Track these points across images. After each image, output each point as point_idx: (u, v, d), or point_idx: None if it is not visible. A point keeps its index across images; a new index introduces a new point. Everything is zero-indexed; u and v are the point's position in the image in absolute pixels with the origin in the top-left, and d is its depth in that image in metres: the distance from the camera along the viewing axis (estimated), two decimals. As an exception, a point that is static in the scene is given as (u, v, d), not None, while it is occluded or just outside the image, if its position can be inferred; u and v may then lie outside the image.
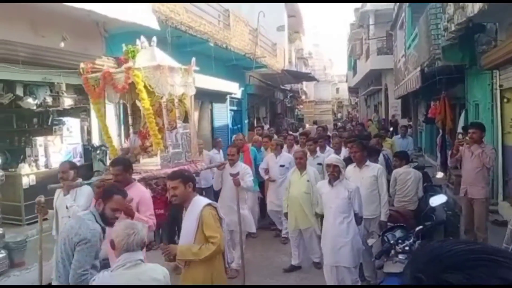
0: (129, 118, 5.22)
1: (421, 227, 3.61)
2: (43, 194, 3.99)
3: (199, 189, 5.24)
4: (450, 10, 6.68)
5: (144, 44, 4.61)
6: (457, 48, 7.72)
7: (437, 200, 4.64)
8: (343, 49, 39.25)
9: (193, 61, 4.75)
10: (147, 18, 6.83)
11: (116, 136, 5.18)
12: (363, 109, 32.93)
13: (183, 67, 4.67)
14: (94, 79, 4.56)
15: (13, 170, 6.58)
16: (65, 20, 6.21)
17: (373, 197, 4.76)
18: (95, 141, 7.44)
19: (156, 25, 6.88)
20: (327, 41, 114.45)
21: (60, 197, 4.05)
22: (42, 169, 6.73)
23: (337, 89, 49.32)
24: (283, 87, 21.35)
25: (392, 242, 3.49)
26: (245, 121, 15.67)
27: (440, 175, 7.79)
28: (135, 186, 3.81)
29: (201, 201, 3.23)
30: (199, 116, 11.93)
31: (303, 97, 33.83)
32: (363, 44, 24.45)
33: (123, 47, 4.67)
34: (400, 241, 3.47)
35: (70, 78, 6.60)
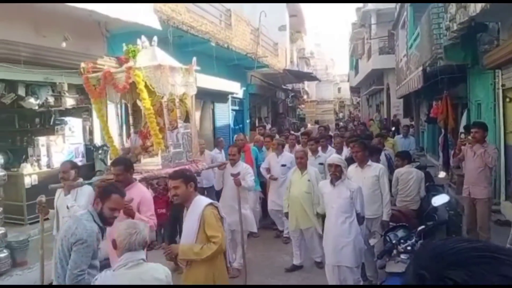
0: (130, 117, 5.22)
1: (423, 226, 3.59)
2: (45, 194, 4.00)
3: (200, 188, 5.24)
4: (452, 10, 6.67)
5: (145, 43, 4.60)
6: (459, 47, 7.69)
7: (439, 200, 4.61)
8: (345, 48, 39.46)
9: (194, 60, 4.74)
10: (148, 18, 6.85)
11: (117, 136, 5.17)
12: (365, 108, 32.95)
13: (184, 66, 4.66)
14: (95, 79, 4.55)
15: (15, 170, 6.61)
16: (66, 20, 6.22)
17: (375, 197, 4.74)
18: (97, 141, 7.45)
19: (157, 25, 6.89)
20: (329, 41, 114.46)
21: (61, 197, 4.04)
22: (44, 169, 6.76)
23: (339, 89, 49.30)
24: (284, 87, 21.36)
25: (394, 241, 3.48)
26: (247, 121, 15.67)
27: (442, 174, 7.76)
28: (136, 186, 3.81)
29: (202, 200, 3.23)
30: (201, 116, 11.94)
31: (305, 96, 33.88)
32: (365, 43, 24.45)
33: (124, 46, 4.67)
34: (402, 241, 3.46)
35: (72, 78, 6.61)
